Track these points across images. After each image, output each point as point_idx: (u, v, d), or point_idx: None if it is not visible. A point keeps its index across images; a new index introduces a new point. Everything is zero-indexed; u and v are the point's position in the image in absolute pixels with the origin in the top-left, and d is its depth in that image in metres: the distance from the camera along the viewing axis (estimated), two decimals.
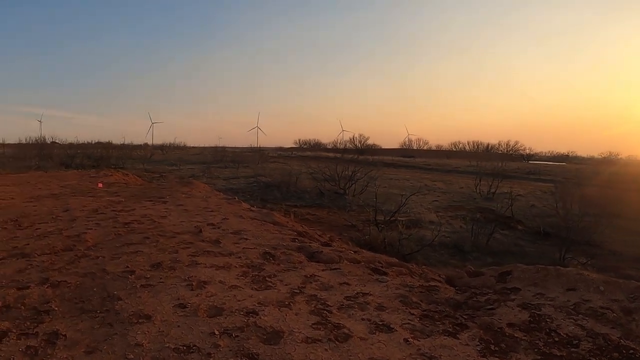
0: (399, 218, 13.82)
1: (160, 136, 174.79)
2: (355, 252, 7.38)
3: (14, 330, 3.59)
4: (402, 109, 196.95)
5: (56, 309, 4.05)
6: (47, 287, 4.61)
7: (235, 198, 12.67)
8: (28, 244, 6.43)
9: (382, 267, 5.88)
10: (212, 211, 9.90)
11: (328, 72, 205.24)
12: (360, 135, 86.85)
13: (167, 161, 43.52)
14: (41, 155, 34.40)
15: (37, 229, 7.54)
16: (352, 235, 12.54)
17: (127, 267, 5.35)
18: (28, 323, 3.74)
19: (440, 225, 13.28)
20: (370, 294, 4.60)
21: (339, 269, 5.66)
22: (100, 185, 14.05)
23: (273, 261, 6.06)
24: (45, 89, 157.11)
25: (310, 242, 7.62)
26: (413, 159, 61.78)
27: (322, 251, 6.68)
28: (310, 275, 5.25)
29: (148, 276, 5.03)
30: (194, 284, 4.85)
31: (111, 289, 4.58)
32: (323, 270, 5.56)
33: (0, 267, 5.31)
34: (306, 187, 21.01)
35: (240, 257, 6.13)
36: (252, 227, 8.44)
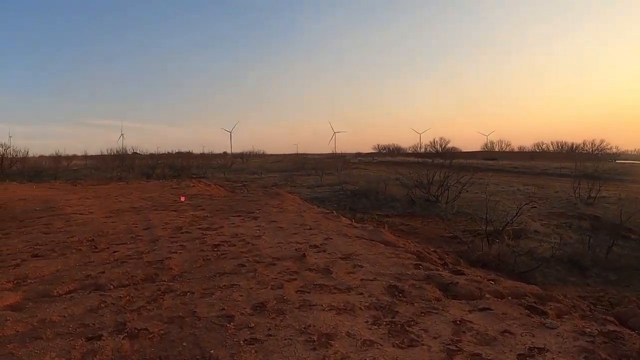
0: (500, 228, 12.98)
1: (238, 144, 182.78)
2: (491, 280, 6.26)
3: None
4: (480, 110, 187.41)
5: None
6: (123, 338, 3.79)
7: (333, 212, 11.67)
8: (103, 272, 5.85)
9: (536, 303, 5.06)
10: (310, 229, 8.93)
11: (404, 75, 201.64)
12: (441, 139, 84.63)
13: (247, 169, 44.47)
14: (123, 166, 36.64)
15: (114, 251, 7.05)
16: (457, 249, 11.78)
17: (223, 309, 4.42)
18: None
19: (548, 235, 13.18)
20: (547, 349, 3.66)
21: (490, 309, 4.63)
22: (182, 199, 13.87)
23: (404, 298, 4.94)
24: (125, 102, 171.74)
25: (437, 269, 6.56)
26: (497, 162, 58.58)
27: (457, 282, 5.65)
28: (460, 321, 4.25)
29: (252, 324, 4.03)
30: (314, 338, 3.77)
31: (205, 345, 3.63)
32: (470, 311, 4.57)
33: (70, 304, 4.65)
34: (395, 194, 20.42)
35: (362, 294, 5.03)
36: (362, 249, 7.36)
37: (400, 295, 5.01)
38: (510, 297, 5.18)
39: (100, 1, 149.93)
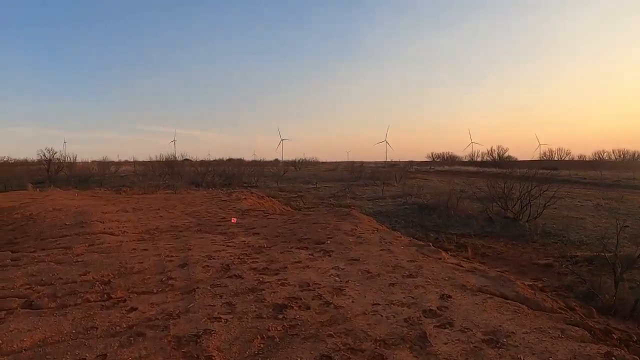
0: (600, 253, 9.88)
1: (289, 151, 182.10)
2: None
3: None
4: (535, 118, 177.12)
5: None
6: None
7: (429, 245, 9.10)
8: (105, 357, 3.65)
9: None
10: (411, 275, 6.47)
11: (457, 82, 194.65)
12: (499, 147, 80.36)
13: (301, 178, 42.57)
14: (171, 173, 35.52)
15: (131, 309, 4.91)
16: (560, 282, 9.00)
17: None
18: None
19: None
20: None
21: None
22: (233, 220, 11.76)
23: None
24: (178, 109, 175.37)
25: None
26: (557, 172, 54.24)
27: None
28: None
29: None
30: None
31: None
32: None
33: None
34: (467, 209, 17.98)
35: None
36: (506, 319, 4.86)
37: None
38: None
39: (152, 11, 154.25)
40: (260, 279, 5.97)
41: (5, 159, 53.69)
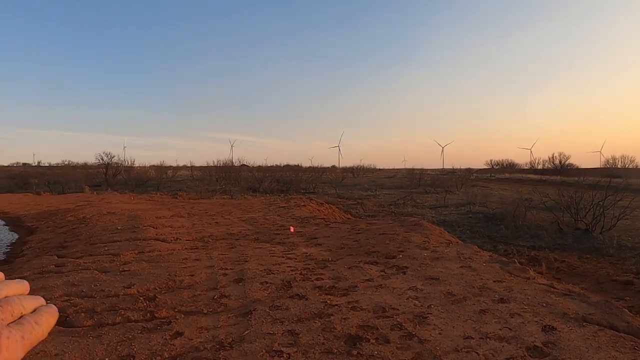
0: None
1: (345, 158, 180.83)
2: None
3: None
4: (595, 124, 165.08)
5: None
6: None
7: (514, 262, 7.86)
8: None
9: None
10: (502, 300, 5.35)
11: (515, 89, 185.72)
12: (560, 154, 75.75)
13: (359, 185, 41.59)
14: (228, 178, 35.45)
15: (176, 333, 4.14)
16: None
17: None
18: None
19: None
20: None
21: None
22: (292, 229, 10.93)
23: None
24: (234, 116, 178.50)
25: None
26: (626, 180, 49.87)
27: None
28: None
29: None
30: None
31: None
32: None
33: None
34: (536, 220, 16.80)
35: None
36: (624, 356, 3.78)
37: None
38: None
39: (213, 18, 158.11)
40: (327, 301, 5.04)
41: (67, 162, 55.99)
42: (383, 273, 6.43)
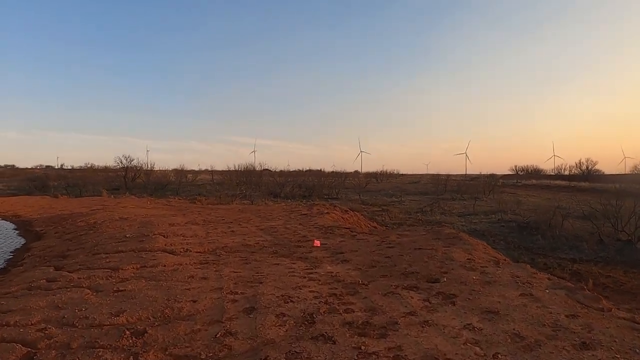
0: None
1: (367, 163, 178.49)
2: None
3: None
4: (620, 128, 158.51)
5: None
6: None
7: (584, 288, 6.65)
8: None
9: None
10: (584, 345, 4.21)
11: (537, 94, 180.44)
12: (588, 160, 73.15)
13: (383, 191, 40.44)
14: (249, 183, 34.61)
15: None
16: None
17: None
18: None
19: None
20: None
21: None
22: (316, 243, 9.81)
23: None
24: (256, 120, 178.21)
25: None
26: None
27: None
28: None
29: None
30: None
31: None
32: None
33: None
34: (574, 229, 16.12)
35: None
36: None
37: None
38: None
39: (234, 21, 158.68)
40: (362, 347, 3.91)
41: (89, 165, 56.06)
42: (427, 303, 5.28)
